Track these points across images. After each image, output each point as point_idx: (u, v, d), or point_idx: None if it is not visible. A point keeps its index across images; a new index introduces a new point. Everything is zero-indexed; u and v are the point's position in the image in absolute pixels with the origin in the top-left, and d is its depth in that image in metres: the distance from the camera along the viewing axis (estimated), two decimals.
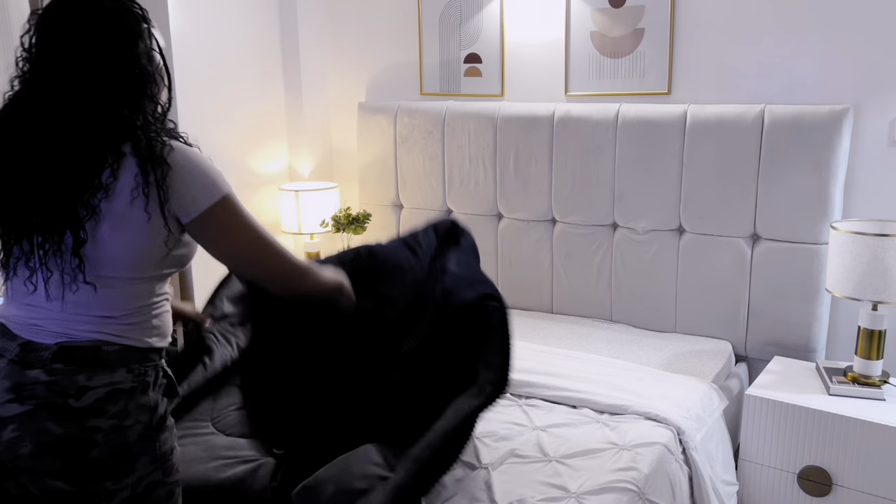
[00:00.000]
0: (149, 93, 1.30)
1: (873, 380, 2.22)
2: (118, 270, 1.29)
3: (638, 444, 1.95)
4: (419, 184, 3.27)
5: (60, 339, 1.29)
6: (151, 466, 1.31)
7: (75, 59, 1.23)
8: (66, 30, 1.23)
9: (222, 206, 1.34)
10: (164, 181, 1.25)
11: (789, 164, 2.46)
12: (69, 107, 1.24)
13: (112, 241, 1.26)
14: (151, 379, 1.34)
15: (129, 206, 1.24)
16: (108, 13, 1.25)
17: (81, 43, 1.23)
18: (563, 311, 3.02)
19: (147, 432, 1.31)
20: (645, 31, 2.77)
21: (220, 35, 3.21)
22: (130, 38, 1.26)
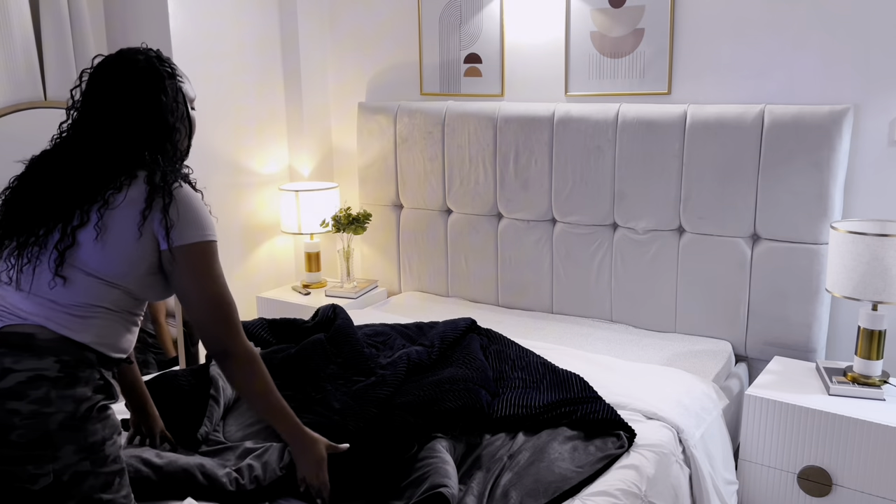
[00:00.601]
0: (169, 139, 1.51)
1: (873, 380, 2.22)
2: (89, 270, 1.40)
3: (639, 444, 1.95)
4: (419, 184, 3.27)
5: (8, 320, 1.39)
6: (77, 456, 1.34)
7: (108, 107, 1.46)
8: (104, 84, 1.47)
9: (202, 249, 1.46)
10: (168, 207, 1.41)
11: (789, 164, 2.46)
12: (99, 142, 1.45)
13: (95, 247, 1.40)
14: (84, 375, 1.38)
15: (127, 221, 1.40)
16: (140, 72, 1.47)
17: (114, 95, 1.46)
18: (563, 311, 3.02)
19: (70, 422, 1.34)
20: (645, 31, 2.77)
21: (221, 35, 3.21)
22: (155, 93, 1.48)
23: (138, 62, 1.48)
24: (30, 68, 2.80)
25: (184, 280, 1.45)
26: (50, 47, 2.84)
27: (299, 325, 2.55)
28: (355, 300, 3.28)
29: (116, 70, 1.47)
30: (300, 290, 3.42)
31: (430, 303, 3.23)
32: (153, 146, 1.48)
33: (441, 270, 3.31)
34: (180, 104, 1.52)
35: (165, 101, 1.49)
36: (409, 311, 3.11)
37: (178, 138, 1.53)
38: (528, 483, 1.73)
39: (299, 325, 2.54)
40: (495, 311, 3.11)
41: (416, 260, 3.37)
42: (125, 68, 1.47)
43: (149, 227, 1.41)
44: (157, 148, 1.48)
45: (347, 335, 2.37)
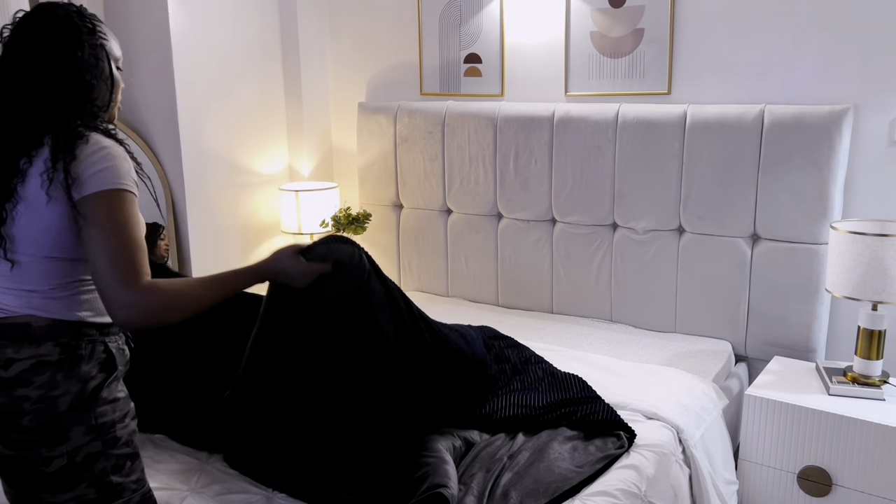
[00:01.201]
0: (87, 97, 1.41)
1: (873, 380, 2.22)
2: (30, 248, 1.37)
3: (639, 444, 1.95)
4: (419, 184, 3.27)
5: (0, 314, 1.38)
6: (87, 437, 1.35)
7: (22, 63, 1.39)
8: (19, 39, 1.40)
9: (106, 197, 1.32)
10: (68, 165, 1.32)
11: (789, 164, 2.46)
12: (14, 104, 1.39)
13: (23, 221, 1.36)
14: (85, 353, 1.38)
15: (39, 189, 1.34)
16: (55, 27, 1.39)
17: (28, 49, 1.39)
18: (563, 311, 3.02)
19: (78, 403, 1.35)
20: (645, 31, 2.77)
21: (220, 35, 3.21)
22: (71, 48, 1.39)
23: (56, 17, 1.40)
24: None
25: (91, 231, 1.31)
26: None
27: None
28: None
29: (32, 25, 1.40)
30: None
31: (430, 303, 3.23)
32: (70, 104, 1.39)
33: (441, 270, 3.31)
34: (101, 61, 1.42)
35: (81, 57, 1.39)
36: None
37: (96, 95, 1.43)
38: (528, 483, 1.73)
39: None
40: (495, 311, 3.11)
41: (416, 260, 3.37)
42: (41, 23, 1.40)
43: (56, 191, 1.32)
44: (75, 106, 1.39)
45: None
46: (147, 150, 3.06)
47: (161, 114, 3.07)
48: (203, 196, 3.18)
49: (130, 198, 1.35)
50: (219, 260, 3.21)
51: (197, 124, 3.11)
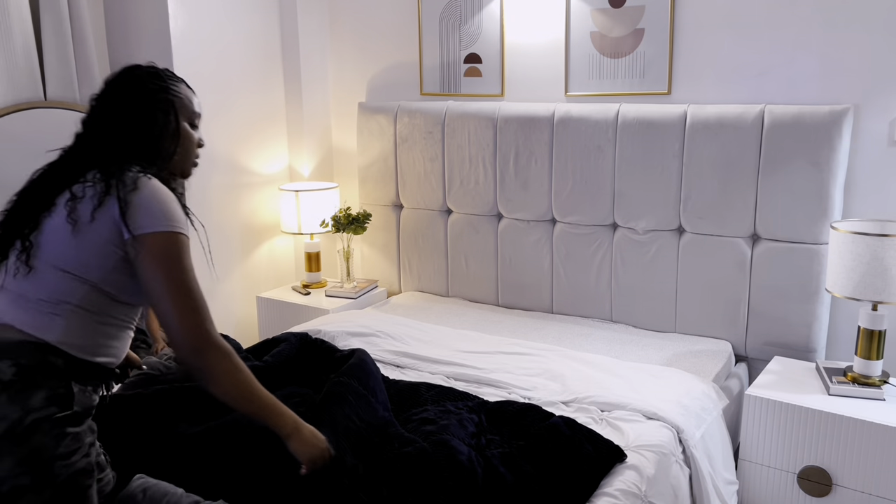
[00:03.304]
0: (147, 144, 1.52)
1: (873, 380, 2.22)
2: (48, 255, 1.39)
3: (639, 445, 1.95)
4: (419, 184, 3.27)
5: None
6: (17, 469, 1.28)
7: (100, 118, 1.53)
8: (102, 97, 1.55)
9: (167, 238, 1.41)
10: (123, 196, 1.39)
11: (789, 164, 2.47)
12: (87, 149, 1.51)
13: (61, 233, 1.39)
14: (42, 381, 1.32)
15: (86, 207, 1.40)
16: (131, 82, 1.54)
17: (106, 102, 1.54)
18: (563, 311, 3.02)
19: (14, 430, 1.28)
20: (645, 31, 2.77)
21: (221, 35, 3.21)
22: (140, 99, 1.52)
23: (133, 75, 1.55)
24: (30, 68, 2.80)
25: (147, 270, 1.39)
26: (50, 47, 2.84)
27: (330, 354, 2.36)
28: (355, 300, 3.29)
29: (114, 81, 1.55)
30: (300, 291, 3.42)
31: (430, 303, 3.23)
32: (132, 147, 1.50)
33: (441, 270, 3.31)
34: (167, 115, 1.54)
35: (148, 108, 1.52)
36: (409, 311, 3.11)
37: (159, 145, 1.54)
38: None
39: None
40: (495, 311, 3.11)
41: (416, 260, 3.37)
42: (120, 79, 1.55)
43: (107, 215, 1.38)
44: (136, 150, 1.50)
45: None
46: None
47: None
48: (203, 196, 3.18)
49: (185, 242, 1.44)
50: (219, 260, 3.21)
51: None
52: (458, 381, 2.36)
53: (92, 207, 1.39)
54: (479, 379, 2.34)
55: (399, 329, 2.76)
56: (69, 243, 1.39)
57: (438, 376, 2.40)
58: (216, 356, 1.43)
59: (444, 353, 2.53)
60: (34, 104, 2.81)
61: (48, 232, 1.41)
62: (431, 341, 2.66)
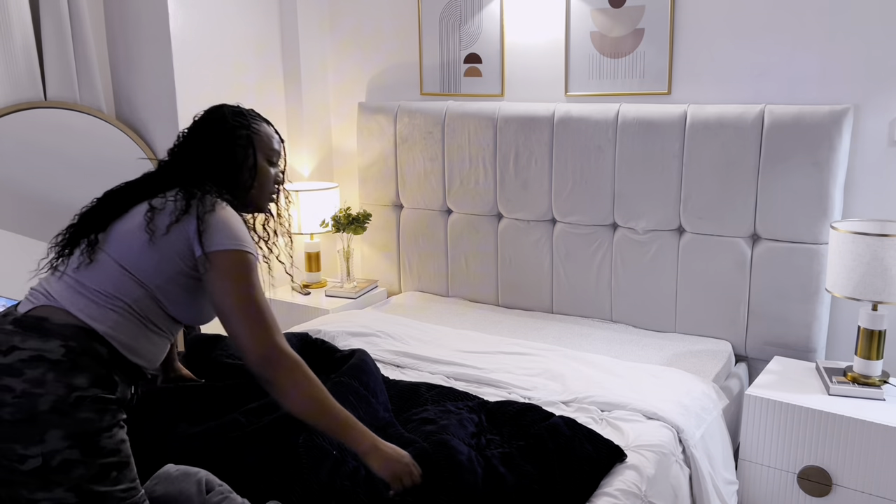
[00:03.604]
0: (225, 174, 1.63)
1: (873, 380, 2.22)
2: (113, 251, 1.48)
3: (639, 444, 1.95)
4: (419, 184, 3.27)
5: (35, 303, 1.45)
6: (65, 442, 1.33)
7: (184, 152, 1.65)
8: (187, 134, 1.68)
9: (237, 256, 1.48)
10: (201, 214, 1.48)
11: (789, 164, 2.47)
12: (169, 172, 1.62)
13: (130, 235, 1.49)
14: (86, 364, 1.38)
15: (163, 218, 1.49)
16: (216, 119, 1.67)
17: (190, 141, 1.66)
18: (563, 311, 3.02)
19: (60, 405, 1.34)
20: (645, 31, 2.77)
21: (221, 35, 3.21)
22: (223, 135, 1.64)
23: (218, 112, 1.69)
24: (30, 68, 2.80)
25: (217, 286, 1.47)
26: (50, 47, 2.84)
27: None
28: (355, 300, 3.29)
29: (200, 121, 1.69)
30: (300, 291, 3.42)
31: (430, 303, 3.23)
32: (210, 175, 1.61)
33: (441, 270, 3.31)
34: (246, 150, 1.64)
35: (229, 143, 1.63)
36: (410, 311, 3.11)
37: (236, 176, 1.64)
38: None
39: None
40: (495, 311, 3.11)
41: (416, 260, 3.37)
42: (204, 119, 1.69)
43: (182, 230, 1.48)
44: (214, 179, 1.61)
45: None
46: (147, 150, 3.06)
47: (161, 114, 3.07)
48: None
49: (253, 261, 1.52)
50: None
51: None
52: (458, 381, 2.36)
53: (169, 221, 1.48)
54: (479, 379, 2.34)
55: (399, 329, 2.76)
56: (139, 249, 1.48)
57: (438, 376, 2.40)
58: (286, 369, 1.47)
59: (444, 353, 2.53)
60: (34, 104, 2.82)
61: (118, 233, 1.50)
62: (431, 341, 2.66)
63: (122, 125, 3.03)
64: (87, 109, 2.93)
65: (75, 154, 2.91)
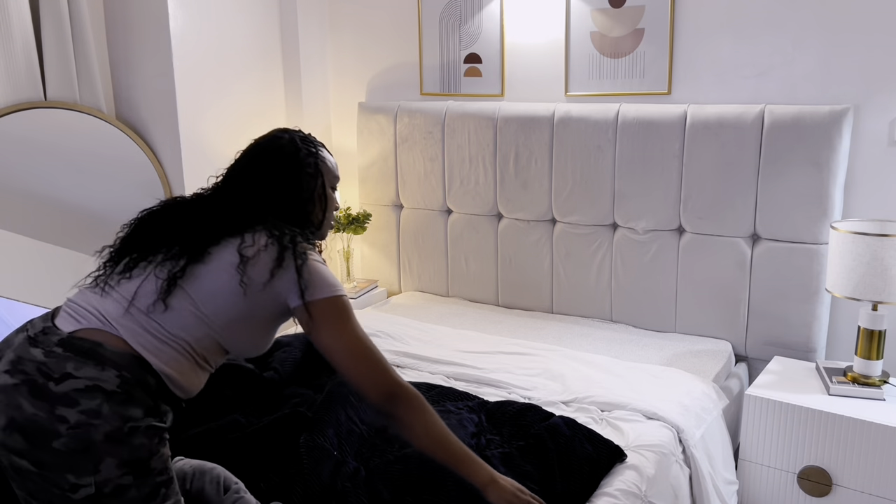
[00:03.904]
0: (301, 211, 1.60)
1: (873, 380, 2.22)
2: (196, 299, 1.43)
3: (639, 444, 1.95)
4: (419, 184, 3.27)
5: (82, 324, 1.38)
6: (119, 470, 1.30)
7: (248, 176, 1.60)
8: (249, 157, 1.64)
9: (336, 302, 1.48)
10: (300, 268, 1.45)
11: (789, 164, 2.47)
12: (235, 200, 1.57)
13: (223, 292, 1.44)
14: (138, 397, 1.35)
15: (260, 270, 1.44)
16: (283, 146, 1.62)
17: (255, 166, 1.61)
18: (563, 311, 3.02)
19: (115, 435, 1.30)
20: (645, 31, 2.77)
21: (221, 35, 3.21)
22: (293, 166, 1.59)
23: (281, 139, 1.62)
24: (30, 68, 2.80)
25: (323, 334, 1.47)
26: (50, 47, 2.84)
27: None
28: (355, 300, 3.29)
29: (263, 145, 1.63)
30: None
31: (430, 303, 3.23)
32: (286, 214, 1.56)
33: (441, 270, 3.31)
34: (316, 180, 1.61)
35: (302, 174, 1.59)
36: (410, 311, 3.11)
37: (311, 211, 1.61)
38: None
39: None
40: (495, 311, 3.11)
41: (416, 260, 3.37)
42: (270, 144, 1.63)
43: (276, 284, 1.44)
44: (290, 217, 1.57)
45: None
46: (147, 150, 3.06)
47: (161, 114, 3.07)
48: None
49: (347, 301, 1.50)
50: None
51: (197, 124, 3.11)
52: (458, 380, 2.36)
53: (266, 278, 1.44)
54: (479, 379, 2.34)
55: (399, 329, 2.76)
56: (226, 299, 1.44)
57: (438, 376, 2.40)
58: (408, 405, 1.49)
59: (444, 353, 2.53)
60: (34, 104, 2.81)
61: (200, 278, 1.44)
62: (431, 341, 2.66)
63: (122, 125, 3.02)
64: (87, 109, 2.93)
65: (75, 154, 2.91)
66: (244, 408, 2.04)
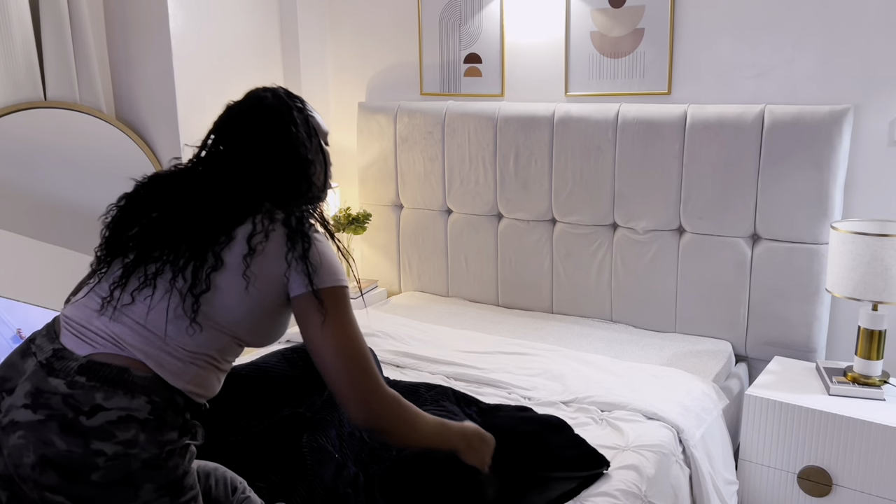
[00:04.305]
0: (304, 174, 1.46)
1: (873, 380, 2.22)
2: (219, 315, 1.34)
3: (639, 445, 1.95)
4: (419, 184, 3.27)
5: (97, 348, 1.30)
6: (157, 493, 1.27)
7: (240, 145, 1.44)
8: (234, 124, 1.47)
9: (336, 293, 1.38)
10: (306, 254, 1.35)
11: (789, 164, 2.47)
12: (230, 178, 1.42)
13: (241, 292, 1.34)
14: (170, 419, 1.30)
15: (273, 266, 1.34)
16: (267, 108, 1.46)
17: (245, 133, 1.45)
18: (563, 311, 3.02)
19: (154, 461, 1.27)
20: (645, 31, 2.77)
21: (221, 35, 3.21)
22: (285, 125, 1.44)
23: (265, 99, 1.48)
24: (30, 68, 2.80)
25: (318, 328, 1.36)
26: (50, 47, 2.84)
27: None
28: (355, 300, 3.28)
29: (245, 109, 1.48)
30: None
31: (430, 303, 3.23)
32: (288, 183, 1.44)
33: (441, 270, 3.31)
34: (313, 137, 1.48)
35: (296, 133, 1.44)
36: (409, 311, 3.11)
37: (313, 172, 1.48)
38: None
39: None
40: (495, 311, 3.11)
41: (416, 260, 3.37)
42: (253, 106, 1.47)
43: (282, 271, 1.35)
44: (293, 185, 1.44)
45: None
46: (147, 150, 3.06)
47: (161, 114, 3.07)
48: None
49: (348, 292, 1.42)
50: None
51: (197, 124, 3.10)
52: (458, 380, 2.36)
53: (273, 270, 1.34)
54: (479, 379, 2.34)
55: (399, 329, 2.76)
56: (238, 301, 1.34)
57: (438, 376, 2.40)
58: (390, 416, 1.42)
59: (443, 353, 2.53)
60: (34, 104, 2.81)
61: (220, 290, 1.33)
62: (431, 341, 2.66)
63: (122, 125, 3.02)
64: (87, 109, 2.93)
65: (75, 154, 2.91)
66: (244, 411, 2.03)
